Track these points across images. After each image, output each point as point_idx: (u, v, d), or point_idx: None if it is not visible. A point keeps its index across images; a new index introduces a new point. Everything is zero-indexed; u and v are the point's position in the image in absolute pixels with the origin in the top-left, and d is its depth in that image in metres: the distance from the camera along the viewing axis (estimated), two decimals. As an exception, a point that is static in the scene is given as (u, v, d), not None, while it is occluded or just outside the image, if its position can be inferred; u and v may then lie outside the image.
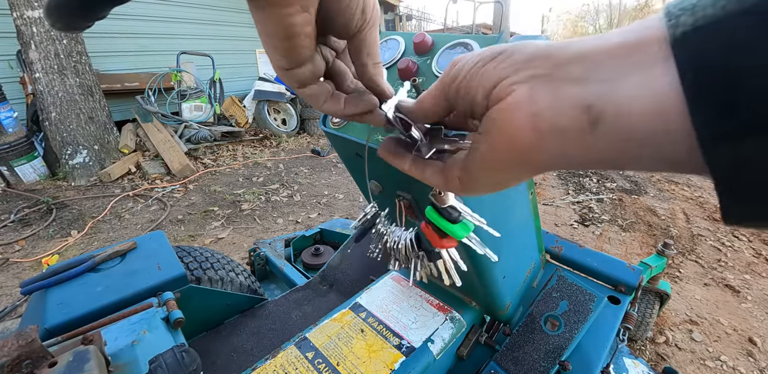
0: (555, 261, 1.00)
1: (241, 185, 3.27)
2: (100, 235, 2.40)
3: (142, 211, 2.74)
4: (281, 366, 0.66)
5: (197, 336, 1.02)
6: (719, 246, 2.34)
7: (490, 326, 0.86)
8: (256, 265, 1.42)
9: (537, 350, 0.77)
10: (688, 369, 1.44)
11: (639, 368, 0.96)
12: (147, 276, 0.81)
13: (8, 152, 2.94)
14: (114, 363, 0.57)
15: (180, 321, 0.69)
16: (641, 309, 1.41)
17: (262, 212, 2.76)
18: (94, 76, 3.34)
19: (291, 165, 3.87)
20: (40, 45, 2.92)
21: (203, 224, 2.55)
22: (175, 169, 3.38)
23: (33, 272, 2.00)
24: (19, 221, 2.48)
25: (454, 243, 0.39)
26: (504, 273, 0.72)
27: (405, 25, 10.32)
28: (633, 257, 2.22)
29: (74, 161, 3.16)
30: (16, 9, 2.82)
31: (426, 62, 0.48)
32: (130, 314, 0.69)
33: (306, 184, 3.34)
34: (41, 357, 0.47)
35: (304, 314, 1.09)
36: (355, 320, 0.76)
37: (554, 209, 2.88)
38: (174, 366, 0.50)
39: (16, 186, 3.04)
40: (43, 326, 0.67)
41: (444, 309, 0.79)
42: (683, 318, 1.70)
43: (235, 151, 4.22)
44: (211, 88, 4.16)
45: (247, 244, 2.30)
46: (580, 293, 0.86)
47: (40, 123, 3.17)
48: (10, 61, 3.34)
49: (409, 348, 0.69)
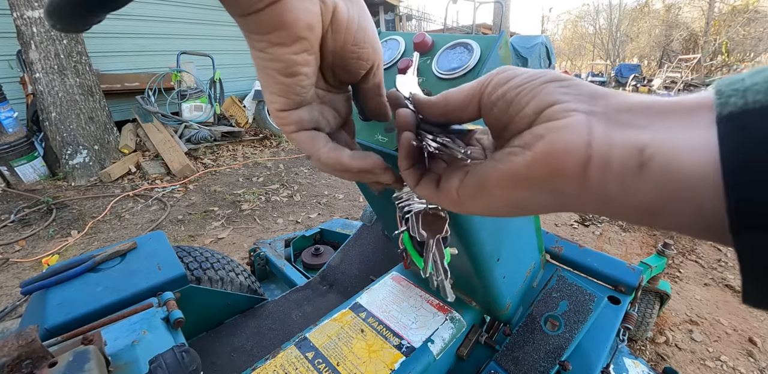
0: (555, 261, 1.00)
1: (241, 185, 3.27)
2: (100, 235, 2.40)
3: (142, 211, 2.74)
4: (281, 366, 0.66)
5: (197, 336, 1.02)
6: (719, 246, 2.34)
7: (490, 326, 0.86)
8: (256, 265, 1.42)
9: (537, 350, 0.77)
10: (688, 369, 1.43)
11: (639, 368, 0.96)
12: (147, 276, 0.81)
13: (8, 152, 2.94)
14: (114, 363, 0.57)
15: (180, 321, 0.69)
16: (641, 309, 1.41)
17: (262, 212, 2.76)
18: (94, 76, 3.34)
19: (291, 165, 3.87)
20: (40, 45, 2.92)
21: (203, 224, 2.55)
22: (175, 169, 3.38)
23: (33, 272, 2.00)
24: (19, 221, 2.48)
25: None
26: (504, 274, 0.72)
27: (405, 25, 10.32)
28: (633, 257, 2.22)
29: (74, 161, 3.16)
30: (16, 9, 2.82)
31: (426, 62, 0.48)
32: (130, 314, 0.69)
33: (306, 184, 3.34)
34: (41, 357, 0.47)
35: (304, 314, 1.09)
36: (355, 320, 0.76)
37: (554, 209, 2.88)
38: (174, 366, 0.50)
39: (16, 186, 3.04)
40: (43, 326, 0.67)
41: (444, 309, 0.79)
42: (683, 318, 1.70)
43: (235, 151, 4.22)
44: (211, 88, 4.16)
45: (247, 244, 2.30)
46: (580, 293, 0.86)
47: (40, 123, 3.17)
48: (10, 61, 3.34)
49: (409, 348, 0.69)
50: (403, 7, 9.97)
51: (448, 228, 0.37)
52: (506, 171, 0.21)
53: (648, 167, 0.16)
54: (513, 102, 0.21)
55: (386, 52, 0.52)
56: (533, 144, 0.20)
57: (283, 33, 0.22)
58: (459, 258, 0.65)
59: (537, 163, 0.19)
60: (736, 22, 15.27)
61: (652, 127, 0.17)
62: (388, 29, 9.50)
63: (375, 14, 9.36)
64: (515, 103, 0.21)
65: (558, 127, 0.19)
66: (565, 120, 0.19)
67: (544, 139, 0.19)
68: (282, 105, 0.26)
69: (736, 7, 15.62)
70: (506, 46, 0.46)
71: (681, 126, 0.16)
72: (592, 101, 0.19)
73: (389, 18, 9.52)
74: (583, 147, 0.18)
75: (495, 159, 0.22)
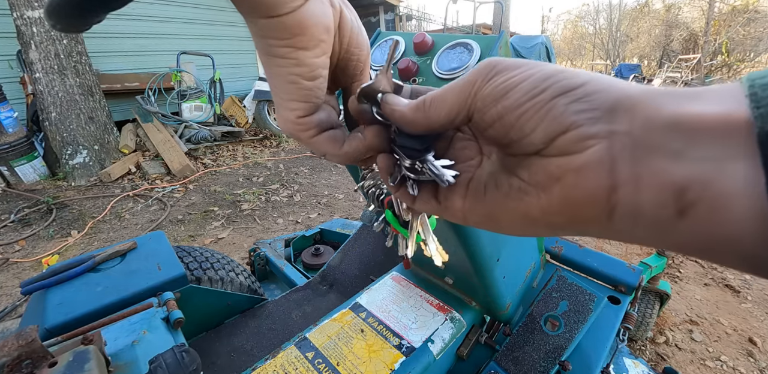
0: (555, 261, 1.00)
1: (241, 185, 3.27)
2: (100, 235, 2.40)
3: (142, 211, 2.74)
4: (281, 366, 0.66)
5: (197, 336, 1.02)
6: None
7: (490, 326, 0.86)
8: (256, 265, 1.42)
9: (537, 350, 0.77)
10: (688, 369, 1.43)
11: (639, 368, 0.96)
12: (147, 276, 0.81)
13: (8, 152, 2.94)
14: (114, 363, 0.57)
15: (180, 321, 0.69)
16: (641, 309, 1.41)
17: (262, 212, 2.76)
18: (94, 76, 3.34)
19: (291, 165, 3.87)
20: (40, 45, 2.92)
21: (203, 224, 2.55)
22: (175, 169, 3.38)
23: (33, 272, 2.00)
24: (19, 221, 2.48)
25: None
26: (504, 273, 0.72)
27: (405, 25, 10.32)
28: (633, 257, 2.22)
29: (74, 161, 3.16)
30: (16, 9, 2.82)
31: (426, 62, 0.48)
32: (130, 314, 0.69)
33: (306, 183, 3.34)
34: (41, 357, 0.47)
35: (304, 314, 1.09)
36: (355, 320, 0.76)
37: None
38: (174, 366, 0.50)
39: (17, 186, 3.04)
40: (43, 326, 0.67)
41: (444, 309, 0.79)
42: (683, 318, 1.70)
43: (235, 151, 4.22)
44: (211, 88, 4.17)
45: (247, 244, 2.30)
46: (580, 293, 0.86)
47: (40, 123, 3.17)
48: (10, 61, 3.34)
49: (409, 348, 0.69)
50: (403, 7, 9.97)
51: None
52: (518, 211, 0.19)
53: (688, 216, 0.14)
54: (514, 127, 0.18)
55: (386, 52, 0.53)
56: (548, 187, 0.17)
57: (306, 37, 0.22)
58: (459, 258, 0.65)
59: (554, 211, 0.17)
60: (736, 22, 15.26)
61: (690, 155, 0.14)
62: (388, 29, 9.50)
63: (375, 14, 9.35)
64: (517, 129, 0.18)
65: (576, 168, 0.16)
66: (583, 155, 0.16)
67: (560, 183, 0.16)
68: (304, 111, 0.25)
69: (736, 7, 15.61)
70: (506, 46, 0.46)
71: (722, 152, 0.13)
72: (613, 117, 0.15)
73: (389, 18, 9.52)
74: (607, 193, 0.15)
75: (502, 190, 0.20)
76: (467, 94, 0.19)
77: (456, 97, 0.20)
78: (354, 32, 0.26)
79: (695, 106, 0.14)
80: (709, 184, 0.13)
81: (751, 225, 0.12)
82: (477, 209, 0.21)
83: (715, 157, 0.13)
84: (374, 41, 0.56)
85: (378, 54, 0.54)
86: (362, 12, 9.35)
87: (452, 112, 0.20)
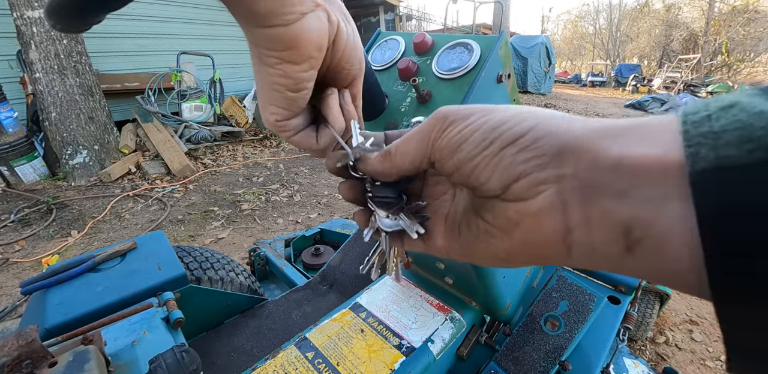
0: (555, 261, 1.00)
1: (241, 185, 3.27)
2: (100, 235, 2.40)
3: (142, 211, 2.74)
4: (281, 366, 0.66)
5: (197, 336, 1.02)
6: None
7: (490, 326, 0.86)
8: (256, 265, 1.42)
9: (537, 350, 0.77)
10: (688, 369, 1.43)
11: (639, 368, 0.96)
12: (147, 276, 0.81)
13: (8, 152, 2.94)
14: (114, 363, 0.57)
15: (180, 321, 0.69)
16: (641, 309, 1.41)
17: (262, 212, 2.76)
18: (94, 76, 3.34)
19: (291, 165, 3.87)
20: (40, 45, 2.92)
21: (203, 224, 2.55)
22: (175, 169, 3.38)
23: (33, 272, 2.00)
24: (19, 221, 2.48)
25: None
26: (504, 274, 0.72)
27: (405, 25, 10.32)
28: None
29: (74, 161, 3.16)
30: (16, 9, 2.82)
31: (426, 62, 0.48)
32: (130, 314, 0.69)
33: (306, 183, 3.34)
34: (41, 357, 0.47)
35: (304, 314, 1.09)
36: (355, 320, 0.76)
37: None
38: (174, 366, 0.50)
39: (17, 186, 3.04)
40: (43, 326, 0.67)
41: (444, 309, 0.79)
42: (683, 318, 1.70)
43: (235, 151, 4.22)
44: (211, 88, 4.16)
45: (247, 244, 2.30)
46: (580, 293, 0.86)
47: (40, 123, 3.17)
48: (10, 61, 3.34)
49: (409, 348, 0.69)
50: (403, 7, 9.97)
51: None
52: (488, 252, 0.21)
53: (636, 253, 0.15)
54: (471, 176, 0.19)
55: (386, 52, 0.53)
56: (509, 231, 0.19)
57: (297, 52, 0.23)
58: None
59: (517, 252, 0.19)
60: (736, 22, 15.27)
61: (633, 194, 0.15)
62: (388, 29, 9.50)
63: (375, 14, 9.36)
64: (474, 178, 0.19)
65: (532, 213, 0.17)
66: (537, 200, 0.17)
67: (519, 228, 0.18)
68: (282, 116, 0.27)
69: (736, 7, 15.62)
70: (506, 46, 0.46)
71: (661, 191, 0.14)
72: (560, 162, 0.16)
73: (389, 18, 9.52)
74: (563, 236, 0.17)
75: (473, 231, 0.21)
76: (425, 145, 0.21)
77: (416, 148, 0.22)
78: (348, 47, 0.27)
79: (636, 147, 0.15)
80: (651, 222, 0.14)
81: (686, 260, 0.14)
82: (454, 248, 0.23)
83: (655, 196, 0.14)
84: (374, 41, 0.56)
85: (378, 54, 0.54)
86: (362, 12, 9.35)
87: (416, 160, 0.22)
